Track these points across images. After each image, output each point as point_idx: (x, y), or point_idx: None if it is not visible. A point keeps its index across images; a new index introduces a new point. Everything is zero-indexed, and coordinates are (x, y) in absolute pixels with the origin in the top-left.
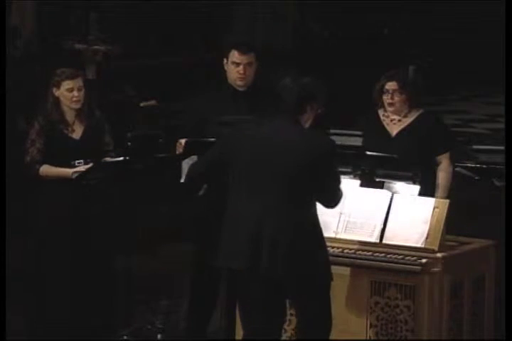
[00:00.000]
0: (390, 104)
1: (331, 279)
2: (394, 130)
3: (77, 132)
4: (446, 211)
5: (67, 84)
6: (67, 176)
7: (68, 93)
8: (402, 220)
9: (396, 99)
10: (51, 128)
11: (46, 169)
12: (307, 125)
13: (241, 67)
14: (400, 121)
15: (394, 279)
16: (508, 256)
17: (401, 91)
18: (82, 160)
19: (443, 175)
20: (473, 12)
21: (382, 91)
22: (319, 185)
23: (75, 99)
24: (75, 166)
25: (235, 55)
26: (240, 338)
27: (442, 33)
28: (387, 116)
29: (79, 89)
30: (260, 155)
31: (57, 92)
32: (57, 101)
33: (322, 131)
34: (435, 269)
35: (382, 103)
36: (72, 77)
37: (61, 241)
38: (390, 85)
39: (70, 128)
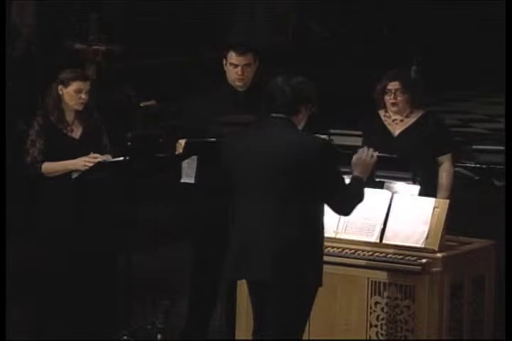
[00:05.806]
0: (393, 104)
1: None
2: (396, 130)
3: (76, 132)
4: (446, 211)
5: (76, 85)
6: (71, 168)
7: (76, 94)
8: (402, 220)
9: (399, 98)
10: (50, 128)
11: (48, 166)
12: (302, 125)
13: (239, 68)
14: (402, 121)
15: (394, 279)
16: (508, 256)
17: (404, 91)
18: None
19: (445, 175)
20: (473, 11)
21: (384, 91)
22: (320, 186)
23: (81, 101)
24: None
25: (232, 56)
26: (240, 338)
27: (442, 32)
28: (389, 117)
29: (86, 92)
30: (255, 161)
31: (62, 90)
32: (59, 99)
33: (319, 131)
34: (435, 269)
35: (384, 103)
36: (83, 79)
37: (61, 241)
38: (393, 85)
39: (69, 128)
